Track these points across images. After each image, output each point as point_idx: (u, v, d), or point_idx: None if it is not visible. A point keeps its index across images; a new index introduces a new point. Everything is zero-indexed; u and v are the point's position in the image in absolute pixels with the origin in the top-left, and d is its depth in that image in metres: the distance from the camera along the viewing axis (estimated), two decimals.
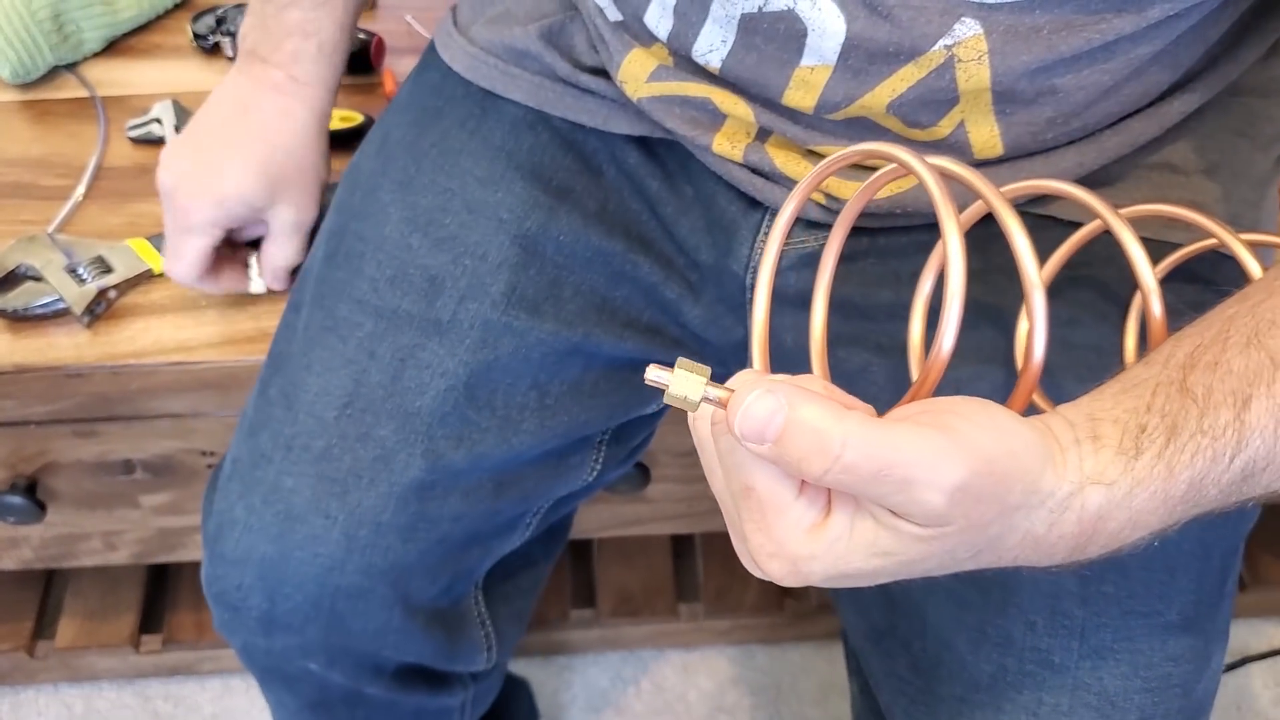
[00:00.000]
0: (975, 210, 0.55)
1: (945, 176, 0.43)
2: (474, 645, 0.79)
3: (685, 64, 0.62)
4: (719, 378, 0.40)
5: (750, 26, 0.57)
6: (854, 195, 0.47)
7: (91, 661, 1.15)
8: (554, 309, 0.66)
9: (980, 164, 0.60)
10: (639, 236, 0.69)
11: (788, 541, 0.39)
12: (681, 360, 0.41)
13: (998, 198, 0.42)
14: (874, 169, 0.46)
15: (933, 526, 0.38)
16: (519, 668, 1.16)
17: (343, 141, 0.88)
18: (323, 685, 0.75)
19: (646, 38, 0.62)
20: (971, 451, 0.37)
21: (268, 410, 0.66)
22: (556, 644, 1.19)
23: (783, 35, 0.56)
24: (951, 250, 0.41)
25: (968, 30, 0.53)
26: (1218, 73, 0.60)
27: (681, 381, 0.40)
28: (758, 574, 0.42)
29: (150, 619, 1.16)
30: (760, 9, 0.55)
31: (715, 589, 1.18)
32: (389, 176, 0.69)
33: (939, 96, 0.56)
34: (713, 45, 0.59)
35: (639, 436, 0.79)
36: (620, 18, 0.63)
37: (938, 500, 0.37)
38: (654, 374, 0.40)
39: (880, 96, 0.56)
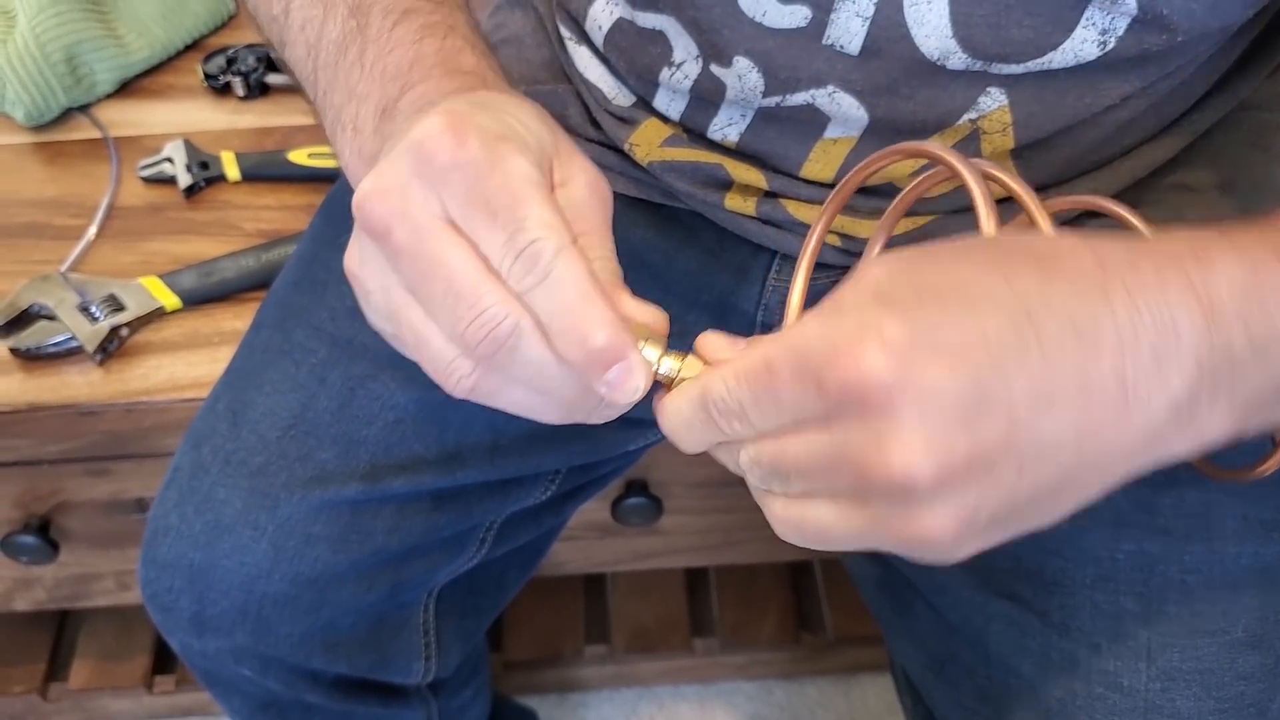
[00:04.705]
0: (1018, 224, 0.54)
1: (988, 180, 0.41)
2: (410, 653, 0.77)
3: (699, 139, 0.62)
4: None
5: (769, 115, 0.57)
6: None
7: (105, 703, 1.15)
8: None
9: (996, 202, 0.59)
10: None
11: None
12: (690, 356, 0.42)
13: (1039, 210, 0.41)
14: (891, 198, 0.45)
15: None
16: (532, 705, 1.15)
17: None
18: (265, 690, 0.74)
19: (659, 116, 0.63)
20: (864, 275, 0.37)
21: (213, 424, 0.67)
22: (570, 681, 1.18)
23: (804, 120, 0.56)
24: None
25: (993, 102, 0.53)
26: (1228, 91, 0.60)
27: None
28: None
29: (164, 659, 1.15)
30: (778, 104, 0.56)
31: (731, 623, 1.16)
32: None
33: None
34: (731, 120, 0.59)
35: (609, 466, 0.77)
36: (632, 101, 0.64)
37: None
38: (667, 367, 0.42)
39: (905, 165, 0.57)
